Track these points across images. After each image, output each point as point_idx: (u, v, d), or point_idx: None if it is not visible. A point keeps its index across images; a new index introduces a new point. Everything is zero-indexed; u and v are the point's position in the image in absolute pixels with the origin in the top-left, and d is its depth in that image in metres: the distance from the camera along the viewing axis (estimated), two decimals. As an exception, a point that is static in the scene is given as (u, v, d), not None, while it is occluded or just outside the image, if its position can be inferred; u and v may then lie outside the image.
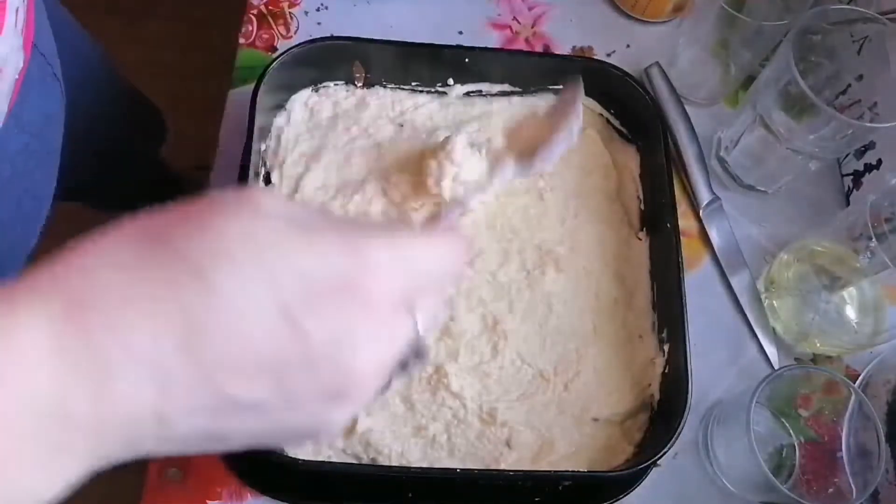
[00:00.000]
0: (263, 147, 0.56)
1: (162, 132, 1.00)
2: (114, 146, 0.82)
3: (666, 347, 0.52)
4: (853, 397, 0.49)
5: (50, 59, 0.53)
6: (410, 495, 0.49)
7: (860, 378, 0.56)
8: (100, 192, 0.97)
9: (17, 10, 0.44)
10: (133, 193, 1.12)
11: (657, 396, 0.51)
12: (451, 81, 0.60)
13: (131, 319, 0.21)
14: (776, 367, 0.56)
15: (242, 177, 0.51)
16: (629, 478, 0.49)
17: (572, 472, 0.49)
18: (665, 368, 0.51)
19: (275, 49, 0.64)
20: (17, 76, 0.46)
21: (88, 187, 0.88)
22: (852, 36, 0.52)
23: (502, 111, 0.60)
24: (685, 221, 0.60)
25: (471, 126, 0.59)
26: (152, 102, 0.94)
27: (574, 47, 0.67)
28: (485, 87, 0.60)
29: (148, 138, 0.98)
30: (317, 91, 0.59)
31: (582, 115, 0.44)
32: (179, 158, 1.18)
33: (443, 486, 0.50)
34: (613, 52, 0.67)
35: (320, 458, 0.48)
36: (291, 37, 0.65)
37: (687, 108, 0.62)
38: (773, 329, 0.57)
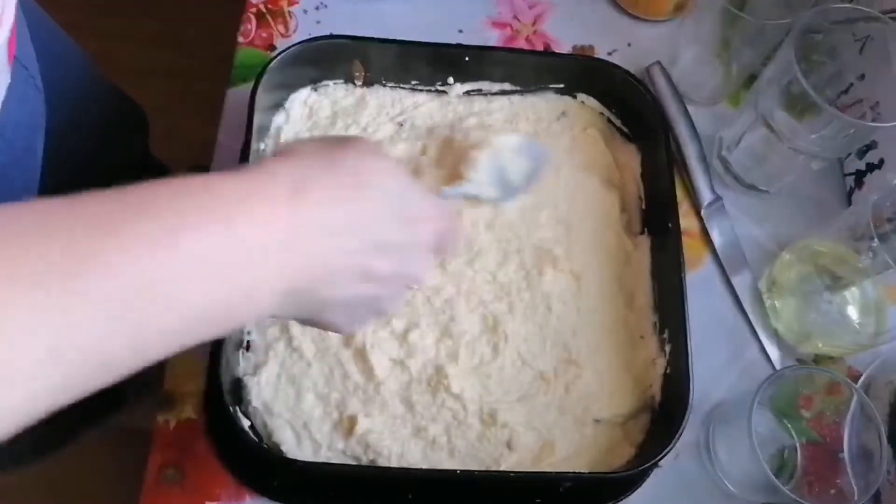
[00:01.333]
0: (262, 146, 0.56)
1: (143, 126, 0.99)
2: (94, 144, 0.82)
3: (667, 348, 0.51)
4: (855, 398, 0.49)
5: (31, 71, 0.53)
6: (410, 497, 0.49)
7: (862, 379, 0.55)
8: (84, 191, 0.96)
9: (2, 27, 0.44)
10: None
11: (658, 397, 0.51)
12: (451, 80, 0.59)
13: (325, 203, 0.32)
14: (778, 367, 0.56)
15: (241, 176, 0.51)
16: (630, 479, 0.49)
17: (573, 473, 0.49)
18: (666, 369, 0.51)
19: (274, 48, 0.64)
20: (4, 92, 0.46)
21: (71, 187, 0.88)
22: (854, 35, 0.52)
23: (502, 110, 0.60)
24: (687, 221, 0.60)
25: (470, 121, 0.58)
26: (130, 97, 0.94)
27: (575, 46, 0.67)
28: (485, 85, 0.60)
29: (129, 133, 0.97)
30: (316, 90, 0.59)
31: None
32: (178, 158, 1.18)
33: (443, 487, 0.50)
34: (615, 50, 0.67)
35: (320, 460, 0.48)
36: (290, 35, 0.65)
37: (688, 107, 0.61)
38: (775, 329, 0.57)
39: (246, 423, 0.48)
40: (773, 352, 0.56)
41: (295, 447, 0.48)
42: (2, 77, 0.45)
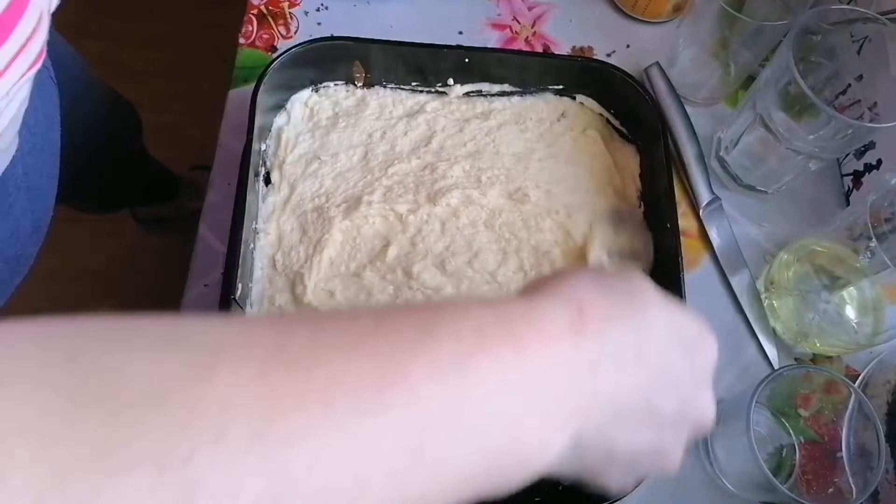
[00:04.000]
0: (263, 147, 0.56)
1: (136, 126, 0.99)
2: (89, 145, 0.82)
3: (666, 347, 0.52)
4: (853, 397, 0.49)
5: (46, 62, 0.53)
6: (410, 495, 0.49)
7: (860, 378, 0.56)
8: (80, 193, 0.96)
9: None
10: (117, 194, 1.11)
11: (657, 396, 0.51)
12: (451, 81, 0.60)
13: (609, 329, 0.28)
14: (776, 366, 0.56)
15: (242, 177, 0.51)
16: (629, 478, 0.49)
17: (572, 472, 0.49)
18: (665, 368, 0.51)
19: (275, 49, 0.64)
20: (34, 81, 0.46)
21: (67, 188, 0.88)
22: (852, 36, 0.52)
23: (503, 111, 0.60)
24: (685, 221, 0.60)
25: (473, 124, 0.59)
26: (123, 97, 0.94)
27: (574, 47, 0.67)
28: (485, 87, 0.60)
29: (122, 134, 0.97)
30: (317, 91, 0.59)
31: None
32: (179, 158, 1.18)
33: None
34: (613, 52, 0.67)
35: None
36: (291, 37, 0.65)
37: (687, 108, 0.62)
38: (773, 329, 0.57)
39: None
40: (772, 351, 0.57)
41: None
42: (37, 63, 0.46)
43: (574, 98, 0.61)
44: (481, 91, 0.60)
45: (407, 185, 0.56)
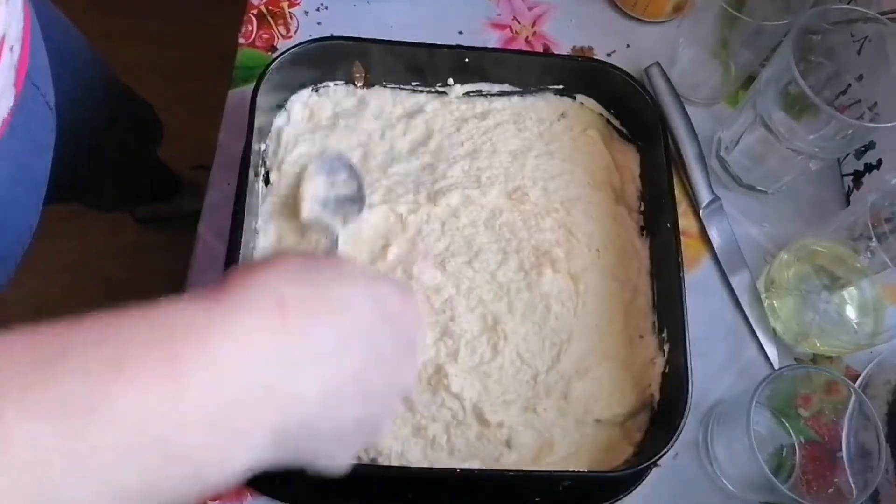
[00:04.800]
0: (263, 147, 0.56)
1: (157, 130, 0.99)
2: (108, 146, 0.82)
3: (666, 347, 0.52)
4: (853, 397, 0.49)
5: (43, 89, 0.52)
6: (410, 496, 0.49)
7: (860, 378, 0.56)
8: (95, 192, 0.96)
9: (11, 48, 0.44)
10: (131, 193, 1.12)
11: (657, 396, 0.51)
12: (451, 81, 0.60)
13: (311, 325, 0.29)
14: (776, 367, 0.56)
15: (242, 177, 0.51)
16: (629, 478, 0.49)
17: (572, 472, 0.49)
18: (665, 368, 0.51)
19: (275, 49, 0.64)
20: (6, 114, 0.45)
21: (83, 187, 0.88)
22: (852, 36, 0.52)
23: (503, 110, 0.60)
24: (685, 221, 0.60)
25: (470, 124, 0.59)
26: (146, 101, 0.94)
27: (574, 47, 0.67)
28: (485, 86, 0.60)
29: (143, 137, 0.97)
30: (317, 91, 0.59)
31: None
32: (179, 158, 1.18)
33: (442, 486, 0.50)
34: (613, 52, 0.67)
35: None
36: (291, 37, 0.65)
37: (687, 107, 0.62)
38: (773, 329, 0.57)
39: (247, 422, 0.48)
40: (772, 351, 0.57)
41: (296, 446, 0.48)
42: (7, 97, 0.45)
43: (574, 98, 0.61)
44: (481, 91, 0.60)
45: (407, 185, 0.56)
